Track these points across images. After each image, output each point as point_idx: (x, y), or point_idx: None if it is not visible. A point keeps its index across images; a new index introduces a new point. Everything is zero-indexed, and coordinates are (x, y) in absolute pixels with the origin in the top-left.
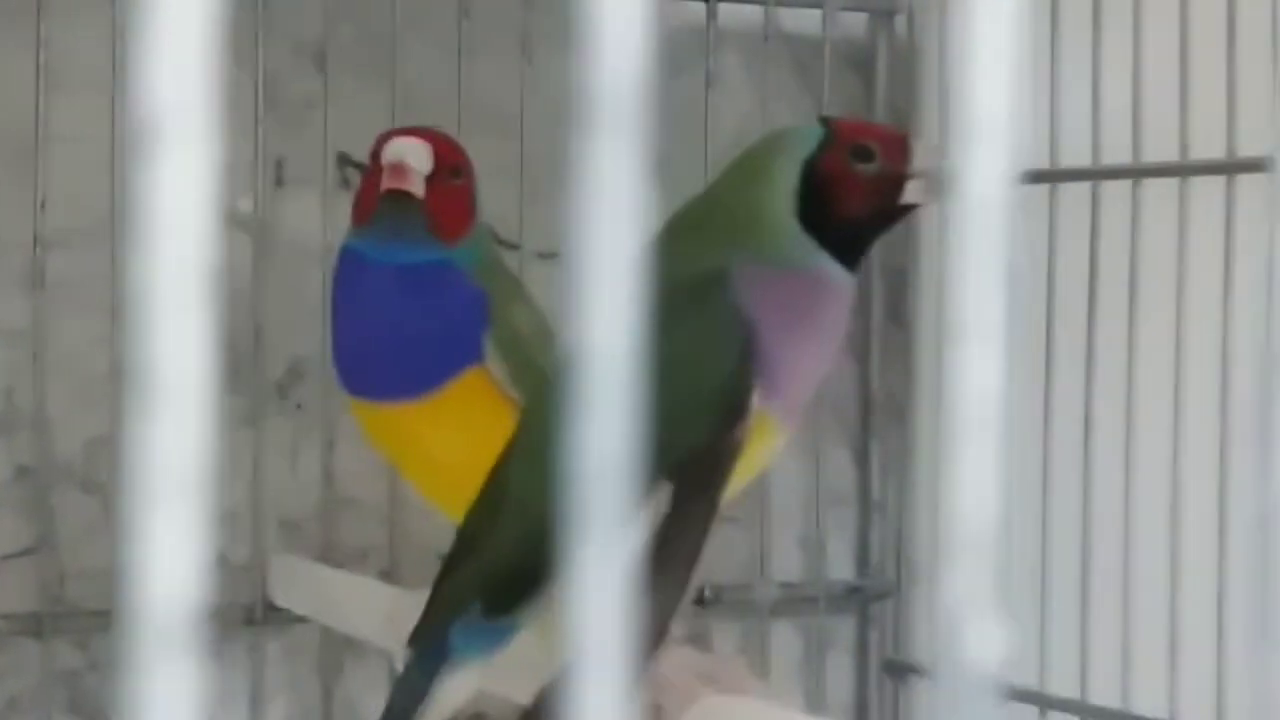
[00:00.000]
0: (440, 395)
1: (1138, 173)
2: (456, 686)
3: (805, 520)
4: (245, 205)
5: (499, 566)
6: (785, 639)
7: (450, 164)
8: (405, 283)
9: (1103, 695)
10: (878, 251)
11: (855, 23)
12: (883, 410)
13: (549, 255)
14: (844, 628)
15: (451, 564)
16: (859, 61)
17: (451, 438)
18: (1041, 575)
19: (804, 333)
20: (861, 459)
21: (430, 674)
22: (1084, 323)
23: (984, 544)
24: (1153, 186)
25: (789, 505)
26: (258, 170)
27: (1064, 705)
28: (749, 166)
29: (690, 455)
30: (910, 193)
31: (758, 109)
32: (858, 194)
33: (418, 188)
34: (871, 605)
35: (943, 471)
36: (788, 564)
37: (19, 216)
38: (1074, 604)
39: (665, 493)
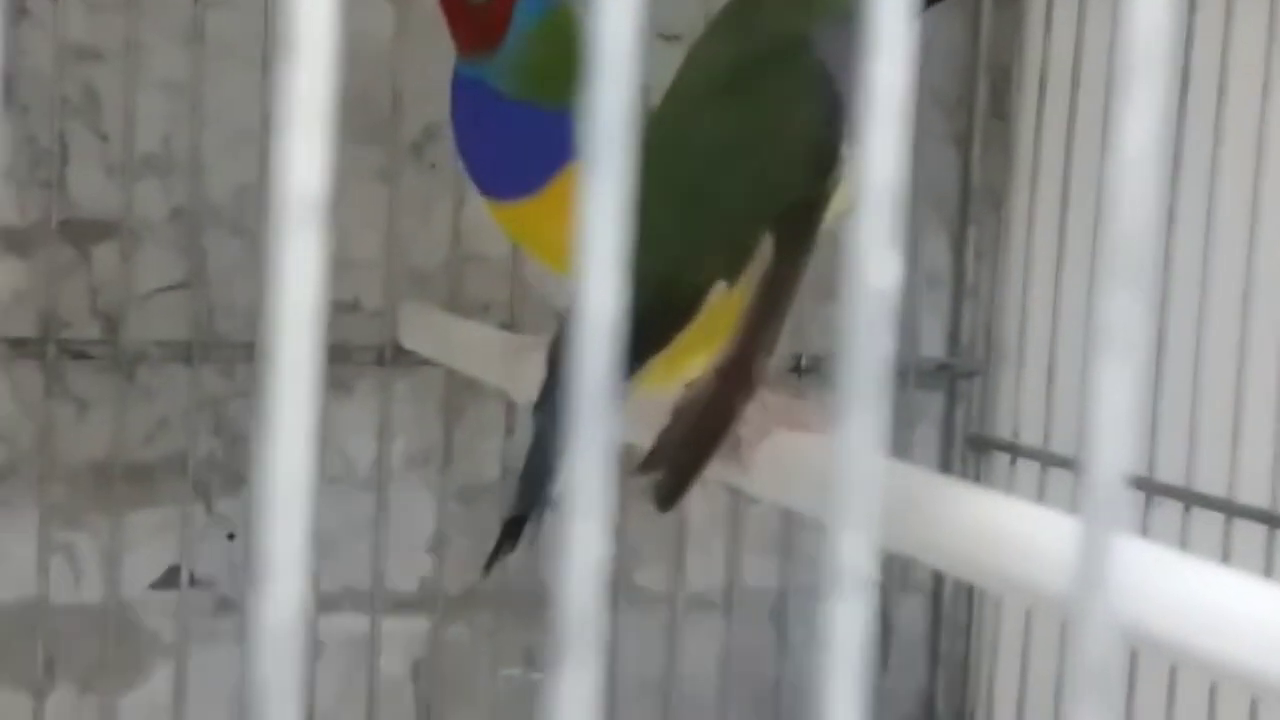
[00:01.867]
0: (544, 194)
1: None
2: None
3: (901, 299)
4: None
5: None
6: None
7: None
8: (458, 93)
9: (1208, 483)
10: (984, 48)
11: None
12: (980, 200)
13: (671, 37)
14: (932, 403)
15: (566, 338)
16: None
17: (560, 227)
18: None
19: None
20: (958, 245)
21: (562, 439)
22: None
23: (887, 189)
24: None
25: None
26: None
27: (1169, 492)
28: None
29: (789, 206)
30: None
31: None
32: None
33: None
34: (959, 383)
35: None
36: None
37: None
38: (1186, 392)
39: (769, 243)
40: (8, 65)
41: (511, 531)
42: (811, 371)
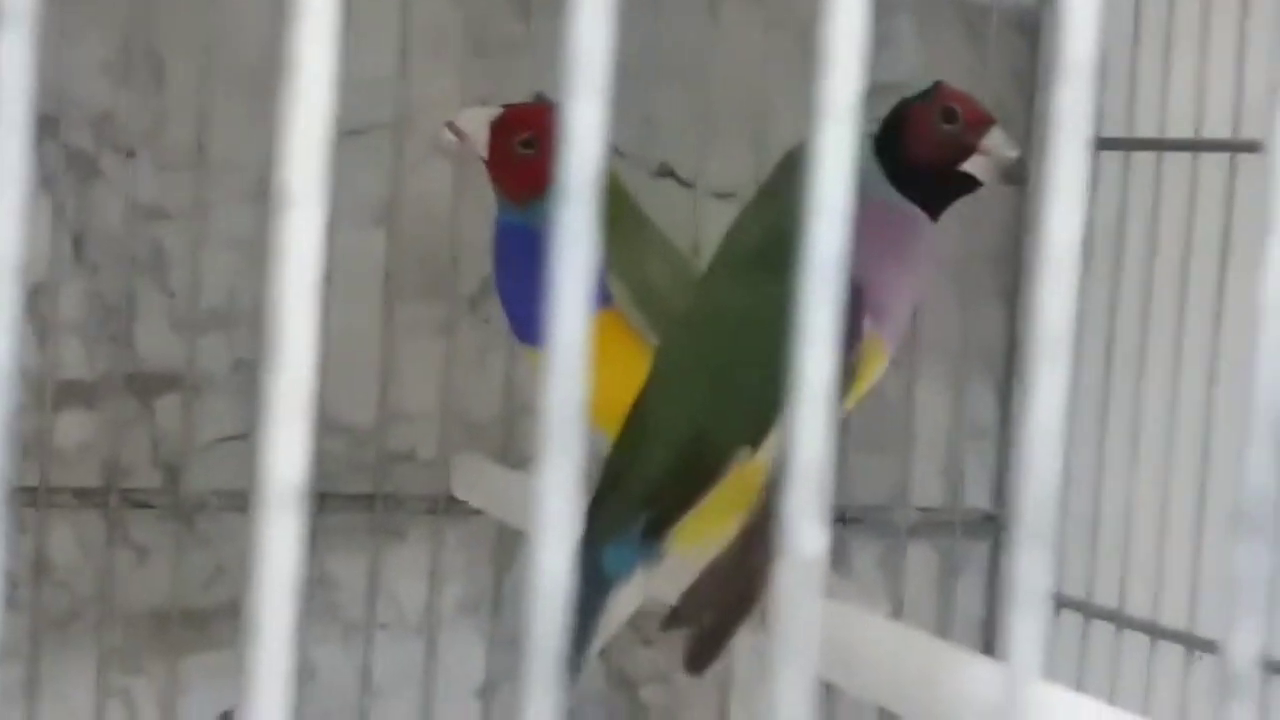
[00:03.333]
0: None
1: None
2: (625, 601)
3: (947, 450)
4: (450, 137)
5: (654, 492)
6: (921, 560)
7: (521, 134)
8: (503, 241)
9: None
10: (1029, 203)
11: None
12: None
13: (724, 195)
14: (977, 553)
15: (601, 494)
16: (1026, 27)
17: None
18: (1094, 501)
19: (898, 264)
20: (1003, 397)
21: (600, 595)
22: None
23: (814, 469)
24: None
25: (933, 436)
26: (462, 107)
27: (1107, 615)
28: None
29: None
30: (971, 164)
31: (925, 68)
32: (928, 144)
33: (477, 149)
34: (1004, 533)
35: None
36: (928, 490)
37: (250, 137)
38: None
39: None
40: (78, 225)
41: None
42: (857, 522)
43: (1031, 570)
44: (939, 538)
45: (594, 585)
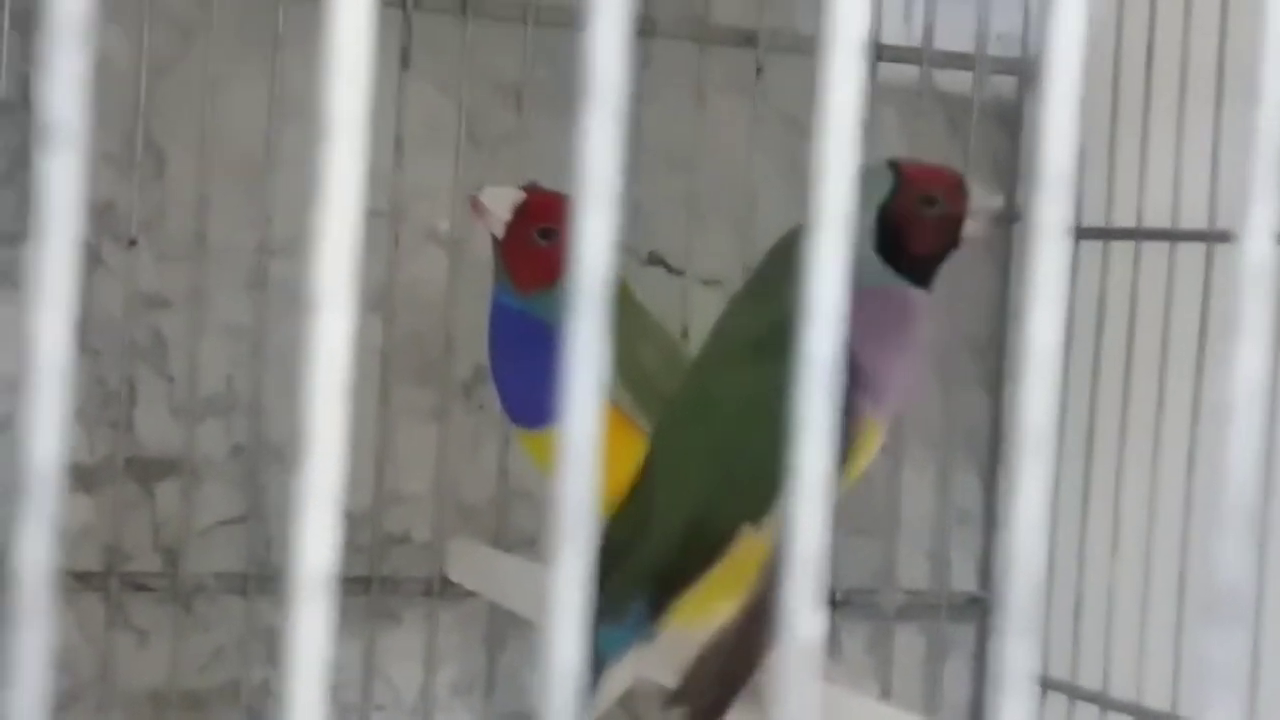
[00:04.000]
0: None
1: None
2: (618, 680)
3: (933, 535)
4: (444, 226)
5: (658, 571)
6: (909, 642)
7: (542, 224)
8: (502, 323)
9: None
10: (1013, 291)
11: (1005, 84)
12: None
13: (712, 282)
14: (964, 635)
15: (598, 575)
16: (1006, 119)
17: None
18: (1077, 584)
19: (895, 345)
20: (987, 481)
21: (593, 673)
22: (1123, 368)
23: (812, 559)
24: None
25: (919, 519)
26: (455, 196)
27: (1091, 697)
28: None
29: None
30: (968, 229)
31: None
32: (927, 234)
33: (493, 227)
34: (991, 616)
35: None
36: (915, 573)
37: (247, 227)
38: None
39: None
40: (80, 312)
41: None
42: (845, 604)
43: (1017, 658)
44: (926, 620)
45: (587, 664)
